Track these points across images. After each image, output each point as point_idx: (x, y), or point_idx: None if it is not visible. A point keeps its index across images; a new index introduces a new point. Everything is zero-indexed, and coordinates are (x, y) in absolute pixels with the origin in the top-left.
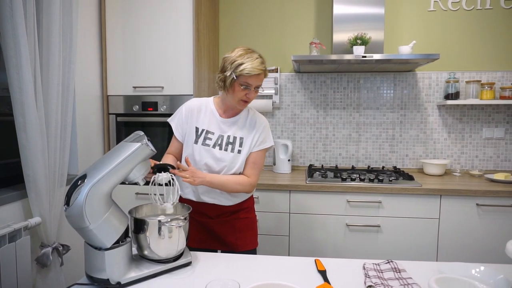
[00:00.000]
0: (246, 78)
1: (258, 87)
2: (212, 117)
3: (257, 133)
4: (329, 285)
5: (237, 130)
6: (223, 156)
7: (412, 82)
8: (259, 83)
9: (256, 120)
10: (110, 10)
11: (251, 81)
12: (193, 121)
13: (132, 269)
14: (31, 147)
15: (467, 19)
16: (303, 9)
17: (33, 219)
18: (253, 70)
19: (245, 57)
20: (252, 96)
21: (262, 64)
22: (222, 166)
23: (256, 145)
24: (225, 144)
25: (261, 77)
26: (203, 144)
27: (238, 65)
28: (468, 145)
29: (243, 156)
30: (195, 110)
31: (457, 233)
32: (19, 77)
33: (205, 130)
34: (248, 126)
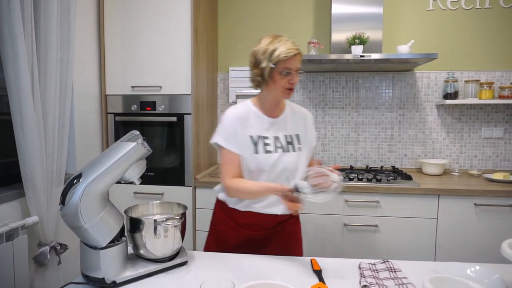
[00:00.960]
0: (285, 62)
1: (298, 69)
2: (260, 120)
3: (310, 127)
4: (324, 284)
5: (290, 127)
6: (288, 158)
7: (411, 82)
8: (298, 65)
9: (304, 113)
10: (108, 9)
11: (290, 64)
12: (243, 130)
13: (128, 268)
14: (28, 146)
15: (466, 19)
16: (302, 9)
17: (31, 218)
18: (289, 51)
19: (275, 42)
20: (296, 81)
21: (294, 44)
22: (290, 169)
23: (313, 141)
24: (285, 145)
25: (298, 58)
26: (265, 152)
27: (272, 52)
28: (467, 145)
29: (304, 153)
30: (241, 119)
31: (455, 233)
32: (16, 76)
33: (260, 137)
34: (299, 121)
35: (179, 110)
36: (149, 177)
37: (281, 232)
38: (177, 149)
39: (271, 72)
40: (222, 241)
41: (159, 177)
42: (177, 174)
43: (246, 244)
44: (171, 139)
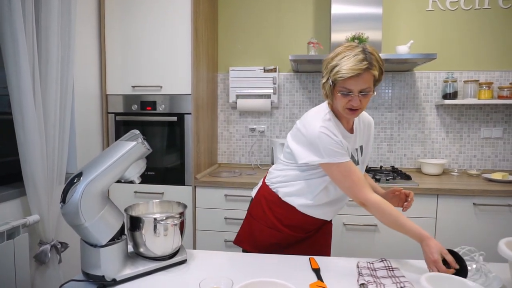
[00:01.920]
0: (343, 82)
1: (364, 91)
2: (343, 136)
3: (370, 137)
4: (322, 282)
5: (359, 140)
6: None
7: (410, 82)
8: (362, 86)
9: (369, 123)
10: (109, 9)
11: (349, 85)
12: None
13: (128, 266)
14: (29, 145)
15: (466, 19)
16: (302, 9)
17: (32, 216)
18: (347, 72)
19: (342, 55)
20: (357, 103)
21: (362, 62)
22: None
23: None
24: (357, 159)
25: (364, 77)
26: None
27: (333, 67)
28: (466, 145)
29: (364, 163)
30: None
31: (454, 232)
32: (17, 75)
33: None
34: (363, 132)
35: (179, 110)
36: (150, 177)
37: (317, 234)
38: (177, 148)
39: (331, 89)
40: (259, 237)
41: (160, 177)
42: (177, 173)
43: (282, 243)
44: (172, 139)
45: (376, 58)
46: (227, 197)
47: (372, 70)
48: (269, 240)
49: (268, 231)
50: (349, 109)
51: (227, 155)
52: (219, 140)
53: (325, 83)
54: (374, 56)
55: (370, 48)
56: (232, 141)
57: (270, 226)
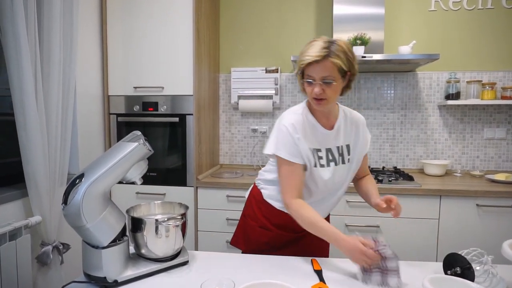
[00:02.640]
0: (306, 69)
1: (325, 78)
2: (315, 130)
3: (362, 135)
4: (324, 284)
5: (342, 137)
6: (339, 171)
7: (413, 82)
8: (323, 74)
9: (357, 121)
10: (111, 10)
11: (311, 71)
12: (305, 141)
13: (129, 267)
14: (31, 146)
15: (468, 19)
16: (303, 10)
17: (34, 217)
18: (307, 58)
19: (309, 45)
20: (317, 91)
21: (322, 50)
22: (340, 182)
23: (365, 148)
24: (338, 157)
25: (324, 64)
26: (320, 166)
27: (300, 56)
28: (469, 146)
29: (353, 164)
30: (301, 128)
31: (457, 233)
32: (19, 76)
33: (315, 149)
34: (350, 131)
35: (181, 110)
36: (151, 178)
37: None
38: (179, 149)
39: (302, 79)
40: (251, 236)
41: (161, 178)
42: (179, 174)
43: (274, 243)
44: (173, 140)
45: (344, 50)
46: (229, 198)
47: (332, 58)
48: (261, 239)
49: (259, 230)
50: (315, 99)
51: (228, 156)
52: (220, 141)
53: (297, 74)
54: (341, 47)
55: (341, 41)
56: (233, 142)
57: (260, 225)
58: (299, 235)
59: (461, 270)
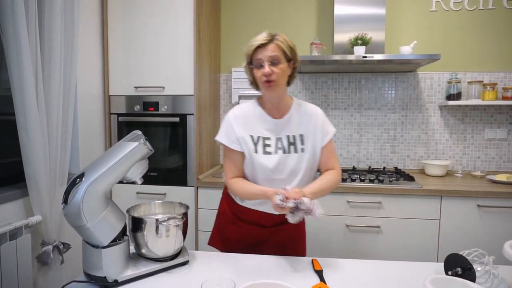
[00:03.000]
0: (255, 55)
1: (273, 59)
2: (264, 120)
3: (318, 125)
4: (324, 284)
5: (294, 127)
6: (288, 159)
7: (414, 83)
8: (269, 54)
9: (311, 112)
10: (112, 9)
11: (259, 54)
12: (245, 129)
13: (130, 267)
14: (32, 146)
15: (469, 19)
16: (304, 10)
17: (34, 217)
18: (255, 43)
19: (252, 40)
20: (267, 70)
21: (267, 35)
22: (289, 170)
23: (323, 138)
24: (287, 146)
25: (269, 47)
26: (264, 153)
27: (246, 49)
28: (470, 146)
29: (307, 153)
30: (243, 117)
31: (458, 234)
32: (20, 76)
33: (261, 137)
34: (304, 121)
35: (181, 110)
36: (152, 177)
37: (282, 231)
38: (179, 149)
39: (251, 69)
40: (224, 234)
41: (162, 177)
42: (180, 174)
43: (246, 239)
44: (174, 140)
45: (285, 39)
46: None
47: (276, 41)
48: (232, 236)
49: (230, 228)
50: (265, 82)
51: None
52: None
53: (246, 66)
54: (282, 37)
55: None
56: None
57: (230, 222)
58: (270, 230)
59: (462, 271)
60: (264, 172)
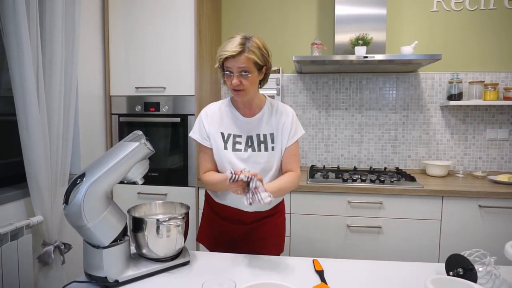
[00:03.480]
0: (225, 63)
1: (243, 70)
2: (235, 119)
3: (286, 125)
4: (325, 285)
5: (265, 126)
6: (258, 157)
7: (415, 83)
8: (239, 65)
9: (282, 112)
10: (113, 10)
11: (229, 64)
12: (216, 126)
13: (130, 267)
14: (33, 146)
15: (471, 19)
16: (305, 10)
17: (35, 217)
18: (224, 53)
19: (227, 42)
20: (236, 82)
21: (238, 46)
22: (260, 169)
23: (290, 138)
24: (257, 144)
25: (239, 59)
26: (234, 150)
27: (219, 52)
28: (472, 146)
29: (277, 152)
30: (215, 115)
31: (459, 234)
32: (21, 76)
33: (231, 135)
34: (275, 120)
35: (182, 111)
36: (153, 178)
37: (261, 227)
38: (180, 150)
39: (222, 72)
40: (208, 232)
41: (163, 178)
42: (181, 174)
43: (227, 236)
44: (175, 140)
45: (259, 46)
46: None
47: (247, 54)
48: (213, 233)
49: (211, 224)
50: (234, 90)
51: None
52: None
53: (218, 68)
54: (256, 44)
55: (256, 38)
56: None
57: (211, 218)
58: (250, 226)
59: (463, 271)
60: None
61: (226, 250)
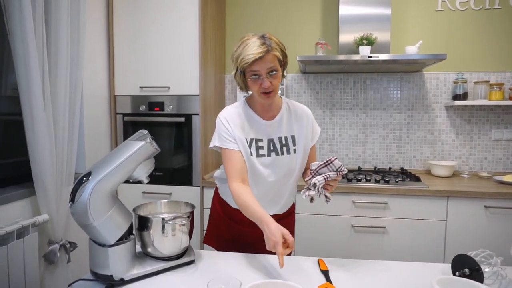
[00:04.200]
0: (250, 67)
1: (272, 70)
2: (255, 123)
3: (308, 125)
4: (331, 284)
5: (286, 128)
6: (281, 161)
7: (420, 83)
8: (268, 66)
9: (301, 113)
10: (117, 11)
11: (256, 67)
12: (240, 131)
13: (136, 266)
14: (38, 146)
15: (476, 19)
16: (309, 10)
17: (41, 216)
18: (250, 57)
19: (243, 45)
20: (268, 84)
21: (261, 46)
22: (283, 173)
23: (312, 139)
24: (279, 148)
25: (267, 58)
26: (258, 156)
27: (237, 58)
28: (477, 147)
29: (299, 154)
30: (235, 120)
31: (465, 235)
32: (27, 76)
33: (254, 139)
34: (295, 121)
35: (187, 110)
36: (158, 177)
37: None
38: (185, 149)
39: (244, 78)
40: (217, 232)
41: (167, 177)
42: (185, 174)
43: (238, 239)
44: (179, 140)
45: (276, 42)
46: None
47: (273, 52)
48: (225, 236)
49: (223, 227)
50: (263, 93)
51: None
52: None
53: (236, 74)
54: (274, 41)
55: (268, 34)
56: None
57: (223, 222)
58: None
59: (469, 272)
60: (259, 175)
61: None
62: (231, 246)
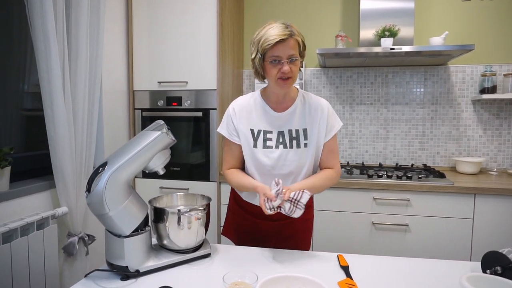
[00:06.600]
0: (272, 50)
1: (292, 56)
2: (265, 114)
3: (323, 120)
4: (350, 280)
5: (297, 121)
6: (289, 154)
7: (444, 76)
8: (290, 52)
9: (317, 105)
10: (136, 6)
11: (278, 51)
12: (245, 123)
13: (151, 258)
14: (59, 139)
15: (505, 8)
16: (329, 4)
17: (61, 208)
18: (274, 38)
19: (266, 29)
20: (287, 69)
21: (285, 29)
22: (293, 167)
23: (327, 134)
24: (289, 141)
25: (289, 43)
26: (265, 147)
27: (258, 41)
28: (506, 143)
29: (311, 149)
30: (244, 110)
31: (493, 234)
32: (48, 70)
33: (262, 131)
34: (309, 114)
35: (204, 105)
36: (175, 172)
37: (289, 225)
38: (202, 144)
39: (261, 62)
40: (235, 226)
41: (185, 172)
42: (203, 169)
43: (254, 232)
44: (197, 134)
45: (298, 31)
46: None
47: (295, 36)
48: (240, 228)
49: (238, 220)
50: (281, 79)
51: None
52: None
53: (255, 59)
54: (294, 28)
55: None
56: None
57: (238, 214)
58: (280, 223)
59: (502, 270)
60: (263, 167)
61: (254, 245)
62: (248, 238)
